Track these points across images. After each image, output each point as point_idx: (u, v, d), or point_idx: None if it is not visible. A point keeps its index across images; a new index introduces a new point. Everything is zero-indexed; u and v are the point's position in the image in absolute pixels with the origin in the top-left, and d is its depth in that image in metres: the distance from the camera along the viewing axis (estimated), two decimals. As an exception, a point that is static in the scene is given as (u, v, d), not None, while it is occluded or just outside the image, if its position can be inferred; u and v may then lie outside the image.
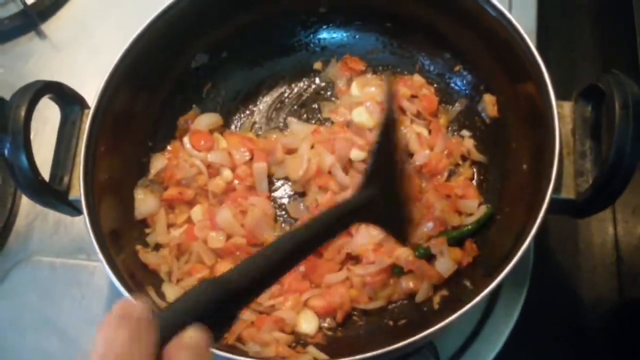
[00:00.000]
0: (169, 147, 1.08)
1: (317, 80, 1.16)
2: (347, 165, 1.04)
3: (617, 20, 1.20)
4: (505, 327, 0.95)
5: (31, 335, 1.07)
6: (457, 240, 0.95)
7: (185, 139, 1.08)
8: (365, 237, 0.97)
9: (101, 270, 0.97)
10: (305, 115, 1.14)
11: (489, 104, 1.01)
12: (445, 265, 0.93)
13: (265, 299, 0.96)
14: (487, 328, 0.96)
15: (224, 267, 0.98)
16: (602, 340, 1.03)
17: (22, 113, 0.86)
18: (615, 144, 0.73)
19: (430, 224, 0.96)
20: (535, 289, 0.96)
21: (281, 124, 1.14)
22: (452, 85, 1.08)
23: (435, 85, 1.09)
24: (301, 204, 1.06)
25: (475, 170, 1.03)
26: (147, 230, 1.02)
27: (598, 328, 1.04)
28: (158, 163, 1.06)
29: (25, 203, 1.18)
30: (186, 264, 0.99)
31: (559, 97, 0.82)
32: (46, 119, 1.14)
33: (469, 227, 0.96)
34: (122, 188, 1.01)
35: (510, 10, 1.14)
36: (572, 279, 1.08)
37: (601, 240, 1.09)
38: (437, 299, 0.92)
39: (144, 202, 1.02)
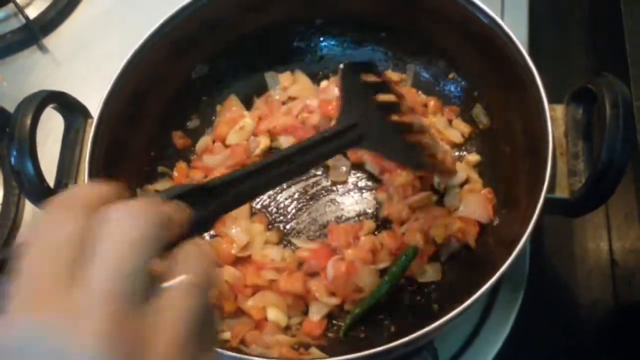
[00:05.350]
0: (175, 173, 1.09)
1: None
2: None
3: (608, 25, 1.23)
4: (502, 330, 0.96)
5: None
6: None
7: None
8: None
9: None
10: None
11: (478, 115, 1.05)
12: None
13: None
14: (484, 331, 0.97)
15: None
16: (598, 343, 1.04)
17: (28, 121, 0.87)
18: (607, 143, 0.75)
19: None
20: (531, 294, 0.98)
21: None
22: (446, 92, 1.10)
23: (429, 92, 1.11)
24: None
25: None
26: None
27: (594, 330, 1.05)
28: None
29: (29, 213, 1.18)
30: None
31: (551, 100, 0.84)
32: (48, 132, 1.13)
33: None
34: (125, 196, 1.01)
35: (502, 17, 1.17)
36: (568, 283, 1.09)
37: (596, 245, 1.11)
38: (435, 300, 0.94)
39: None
